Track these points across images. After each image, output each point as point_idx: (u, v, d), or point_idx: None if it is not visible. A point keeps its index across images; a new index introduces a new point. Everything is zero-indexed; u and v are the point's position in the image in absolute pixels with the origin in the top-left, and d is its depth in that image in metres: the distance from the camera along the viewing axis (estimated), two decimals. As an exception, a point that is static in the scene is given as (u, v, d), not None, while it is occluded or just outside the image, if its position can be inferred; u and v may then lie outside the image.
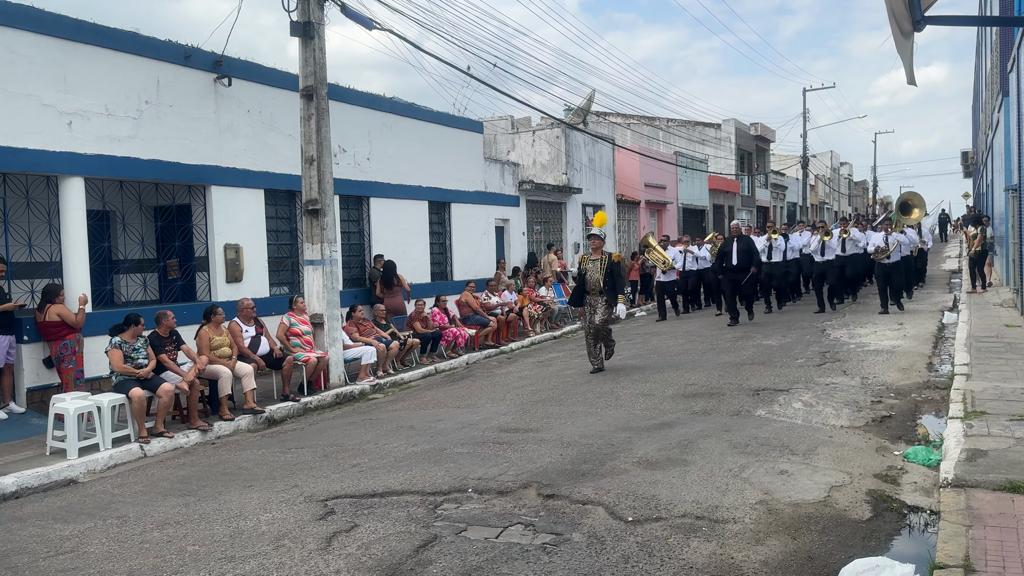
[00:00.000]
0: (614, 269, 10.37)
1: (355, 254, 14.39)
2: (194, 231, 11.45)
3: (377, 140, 14.41)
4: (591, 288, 10.40)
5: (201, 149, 11.00)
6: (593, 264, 10.39)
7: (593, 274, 10.36)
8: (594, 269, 10.36)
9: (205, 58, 11.08)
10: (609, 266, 10.32)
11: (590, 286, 10.41)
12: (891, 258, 15.07)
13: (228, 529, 5.13)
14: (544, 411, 8.34)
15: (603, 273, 10.28)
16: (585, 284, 10.44)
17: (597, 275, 10.32)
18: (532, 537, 4.64)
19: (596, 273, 10.34)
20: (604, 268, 10.30)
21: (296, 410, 9.51)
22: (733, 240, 15.21)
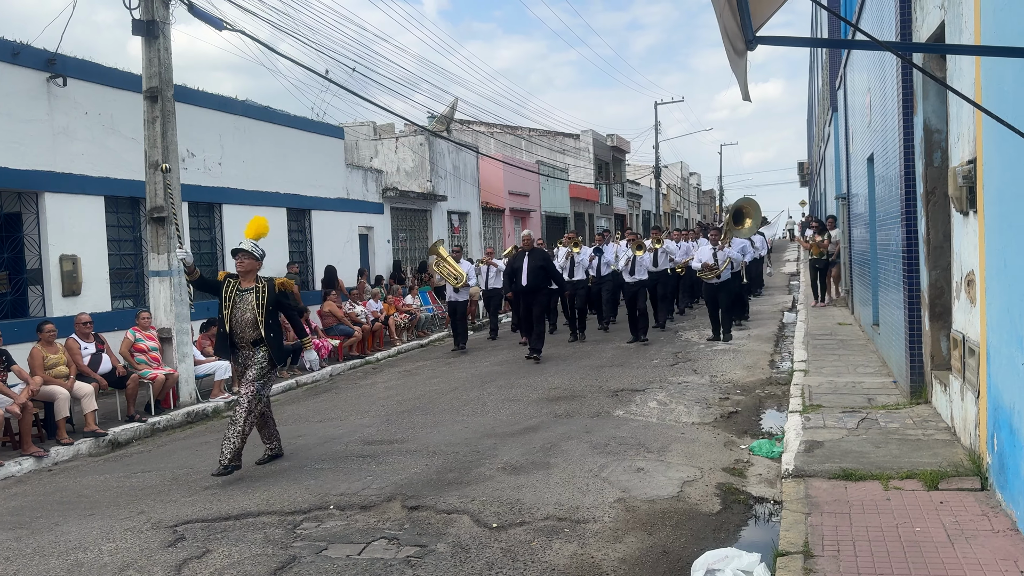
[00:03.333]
0: (281, 302, 6.82)
1: (207, 263, 13.72)
2: (25, 241, 10.53)
3: (229, 144, 13.82)
4: (239, 335, 6.53)
5: (32, 153, 10.16)
6: (243, 297, 6.54)
7: (243, 312, 6.50)
8: (244, 305, 6.52)
9: (36, 56, 10.24)
10: (270, 299, 6.58)
11: (237, 332, 6.52)
12: (721, 276, 12.50)
13: (65, 563, 4.73)
14: (410, 421, 8.26)
15: (261, 310, 6.49)
16: (231, 328, 6.55)
17: (249, 314, 6.50)
18: (396, 551, 4.57)
19: (247, 311, 6.51)
20: (263, 302, 6.52)
21: (143, 431, 8.93)
22: (524, 255, 12.19)
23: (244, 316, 6.51)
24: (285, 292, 6.86)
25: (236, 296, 6.58)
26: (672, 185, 58.39)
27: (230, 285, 6.61)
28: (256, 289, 6.59)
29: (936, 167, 6.68)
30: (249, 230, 6.86)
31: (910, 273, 7.33)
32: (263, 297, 6.56)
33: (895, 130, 7.69)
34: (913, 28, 6.99)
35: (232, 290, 6.60)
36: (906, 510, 4.59)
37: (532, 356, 11.68)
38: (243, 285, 6.62)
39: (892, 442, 5.97)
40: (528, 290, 11.93)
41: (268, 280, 6.70)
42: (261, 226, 6.91)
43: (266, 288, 6.62)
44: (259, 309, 6.51)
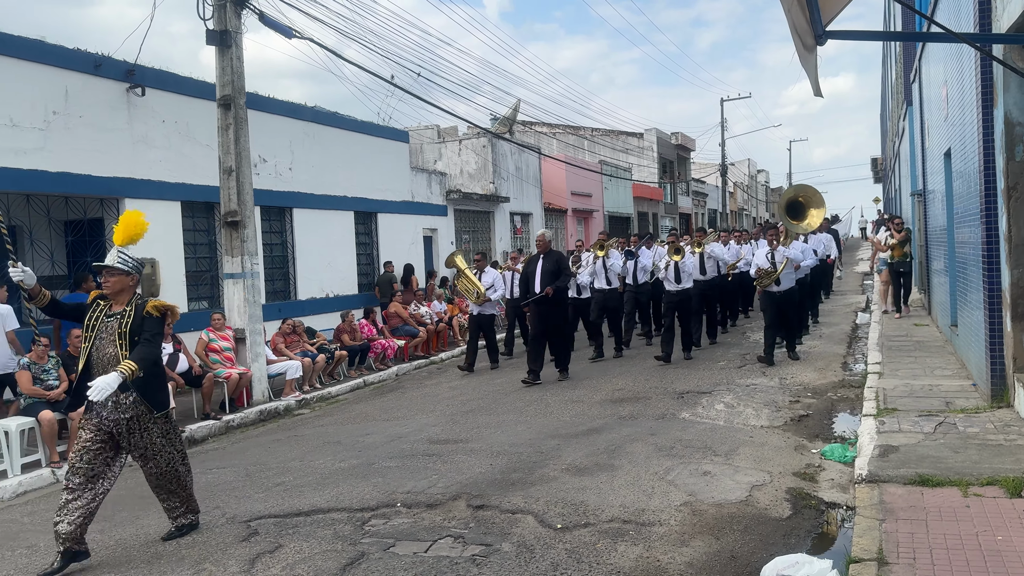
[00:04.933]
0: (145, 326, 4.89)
1: (278, 266, 14.10)
2: (107, 246, 11.00)
3: (299, 150, 14.16)
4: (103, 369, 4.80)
5: (114, 161, 10.61)
6: (107, 325, 4.91)
7: (104, 344, 4.86)
8: (107, 335, 4.87)
9: (117, 67, 10.70)
10: (135, 325, 4.88)
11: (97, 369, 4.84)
12: (781, 283, 10.38)
13: (147, 555, 4.93)
14: (474, 421, 8.32)
15: (124, 341, 4.84)
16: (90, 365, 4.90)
17: (110, 347, 4.84)
18: (461, 549, 4.62)
19: (112, 341, 4.85)
20: (125, 330, 4.86)
21: (218, 429, 9.23)
22: (538, 259, 10.71)
23: (105, 349, 4.82)
24: (155, 318, 4.92)
25: (101, 323, 4.89)
26: (739, 183, 57.33)
27: (97, 309, 4.95)
28: (122, 314, 4.89)
29: (1018, 162, 6.40)
30: (118, 233, 5.05)
31: (990, 272, 7.04)
32: (126, 324, 4.83)
33: (974, 124, 7.39)
34: (992, 18, 6.71)
35: (98, 316, 4.92)
36: (987, 518, 4.41)
37: (560, 375, 10.45)
38: (112, 308, 4.95)
39: (971, 447, 5.74)
40: (542, 298, 10.41)
41: (140, 301, 4.95)
42: (132, 226, 5.06)
43: (132, 312, 4.88)
44: (120, 340, 4.80)
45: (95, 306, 4.99)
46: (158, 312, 4.97)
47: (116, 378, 4.58)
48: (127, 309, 4.92)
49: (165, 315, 5.01)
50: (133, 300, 4.98)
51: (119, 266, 4.95)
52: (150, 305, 4.96)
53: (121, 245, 5.03)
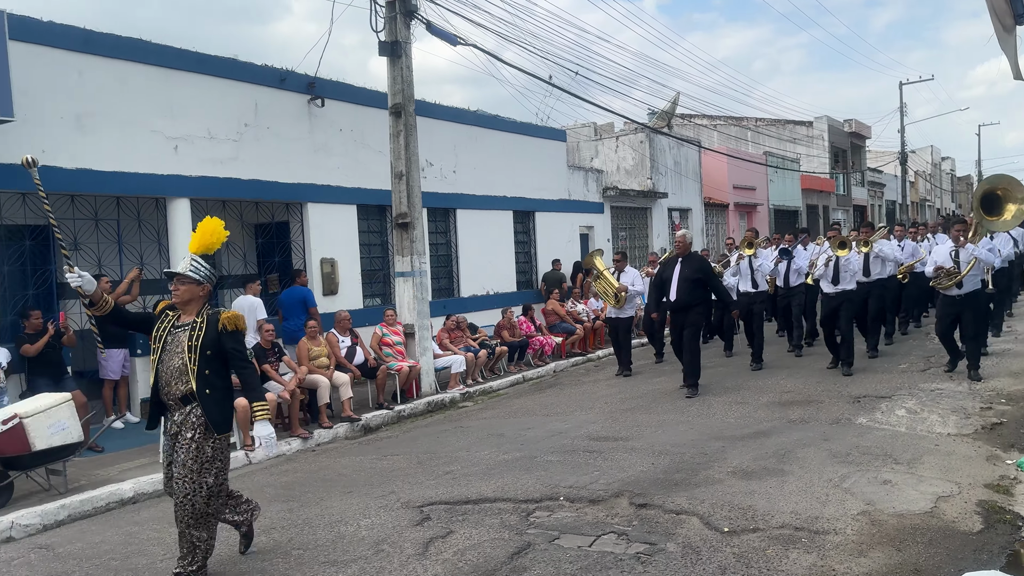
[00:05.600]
0: (225, 347, 4.61)
1: (443, 264, 14.66)
2: (292, 246, 11.92)
3: (463, 153, 14.66)
4: (164, 389, 4.59)
5: (297, 168, 11.46)
6: (175, 336, 4.62)
7: (171, 356, 4.58)
8: (174, 346, 4.59)
9: (299, 80, 11.55)
10: (207, 340, 4.56)
11: (163, 383, 4.58)
12: (963, 286, 9.04)
13: (330, 534, 5.32)
14: (634, 419, 8.29)
15: (192, 355, 4.53)
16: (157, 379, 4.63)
17: (177, 359, 4.55)
18: (626, 546, 4.64)
19: (176, 354, 4.57)
20: (196, 343, 4.54)
21: (390, 418, 9.76)
22: (676, 262, 9.66)
23: (172, 362, 4.55)
24: (234, 332, 4.63)
25: (168, 335, 4.63)
26: (920, 172, 53.16)
27: (165, 320, 4.68)
28: (192, 325, 4.59)
29: None
30: (194, 240, 4.86)
31: None
32: (197, 336, 4.55)
33: None
34: None
35: (166, 327, 4.65)
36: None
37: (688, 391, 9.41)
38: (181, 320, 4.68)
39: None
40: (678, 306, 9.39)
41: (213, 313, 4.65)
42: (209, 233, 4.85)
43: (204, 324, 4.59)
44: (190, 353, 4.52)
45: (163, 316, 4.69)
46: (233, 326, 4.62)
47: (268, 425, 4.68)
48: (197, 320, 4.59)
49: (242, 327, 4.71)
50: (203, 311, 4.64)
51: (190, 274, 4.61)
52: (224, 318, 4.60)
53: (196, 252, 4.76)
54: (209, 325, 4.58)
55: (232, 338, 4.62)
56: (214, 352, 4.56)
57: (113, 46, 9.28)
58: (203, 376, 4.50)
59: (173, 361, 4.55)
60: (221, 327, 4.58)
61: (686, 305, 9.36)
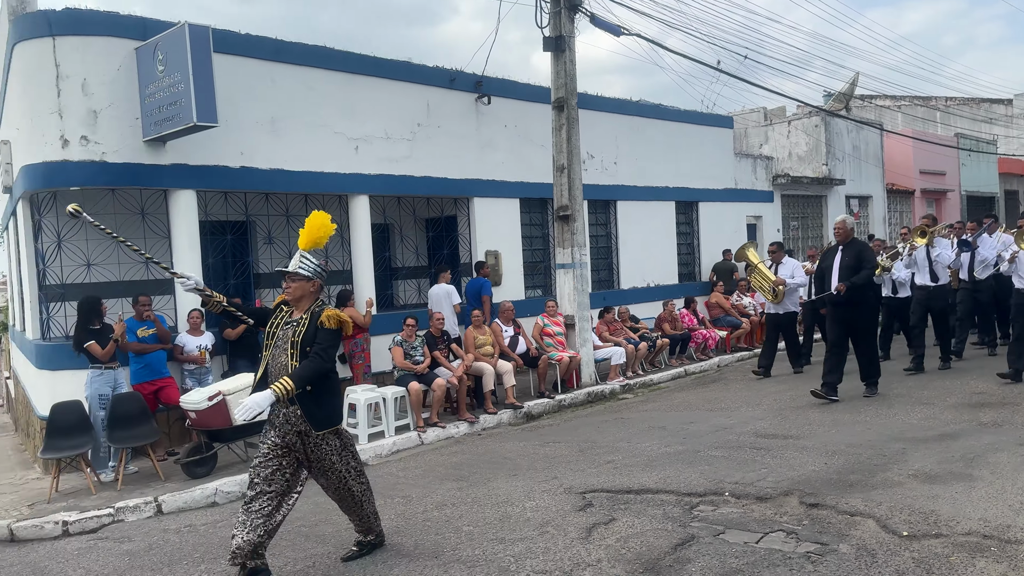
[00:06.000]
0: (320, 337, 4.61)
1: (603, 256, 14.70)
2: (459, 240, 12.41)
3: (624, 144, 14.60)
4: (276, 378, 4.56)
5: (464, 164, 11.90)
6: (284, 332, 4.69)
7: (282, 351, 4.65)
8: (284, 340, 4.66)
9: (467, 80, 11.97)
10: (308, 335, 4.61)
11: (272, 378, 4.60)
12: None
13: (497, 513, 5.56)
14: (805, 417, 7.98)
15: (294, 351, 4.59)
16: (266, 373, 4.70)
17: (283, 356, 4.63)
18: (795, 545, 4.51)
19: (285, 349, 4.64)
20: (299, 336, 4.61)
21: (551, 407, 9.96)
22: (836, 252, 8.98)
23: (279, 358, 4.63)
24: (330, 330, 4.62)
25: (279, 330, 4.72)
26: None
27: (279, 315, 4.80)
28: (299, 321, 4.67)
29: None
30: (303, 236, 4.82)
31: None
32: (299, 333, 4.61)
33: None
34: None
35: (278, 322, 4.76)
36: None
37: (866, 390, 8.77)
38: (292, 315, 4.75)
39: None
40: (841, 299, 8.61)
41: (318, 310, 4.68)
42: (316, 228, 4.80)
43: (308, 321, 4.65)
44: (292, 349, 4.59)
45: (278, 311, 4.79)
46: (333, 324, 4.61)
47: (268, 397, 4.37)
48: (303, 317, 4.64)
49: (342, 327, 4.65)
50: (311, 308, 4.68)
51: (300, 271, 4.67)
52: (325, 315, 4.62)
53: (305, 249, 4.77)
54: (311, 322, 4.62)
55: (326, 333, 4.58)
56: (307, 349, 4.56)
57: (301, 54, 10.05)
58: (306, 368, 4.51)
59: (280, 358, 4.61)
60: (320, 323, 4.59)
61: (848, 297, 8.58)
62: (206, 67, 7.99)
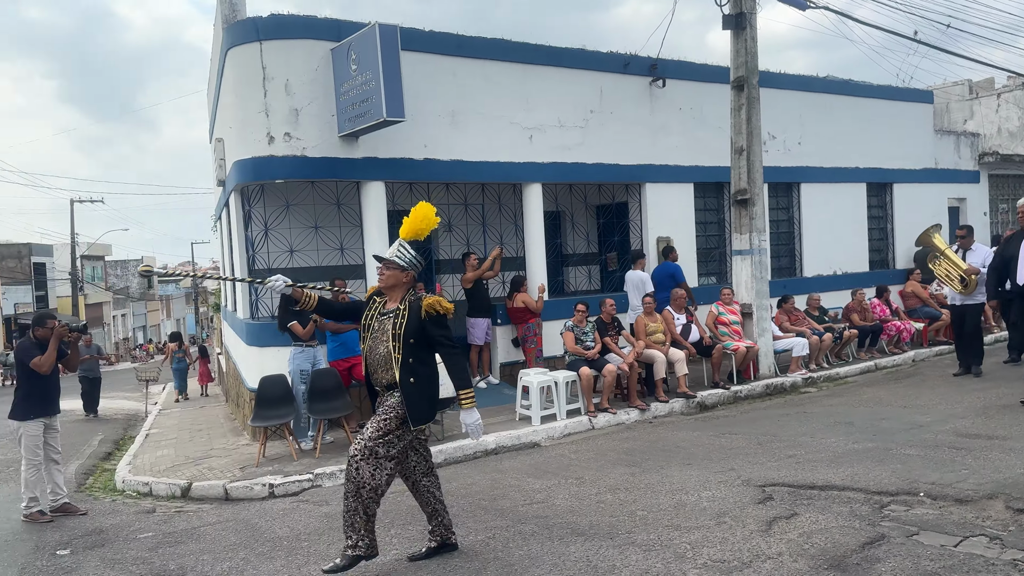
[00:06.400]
0: (429, 333, 4.52)
1: (784, 243, 14.06)
2: (630, 226, 12.34)
3: (809, 123, 13.86)
4: (374, 376, 4.63)
5: (637, 150, 11.80)
6: (381, 323, 4.59)
7: (376, 344, 4.57)
8: (380, 334, 4.57)
9: (641, 64, 11.84)
10: (409, 327, 4.49)
11: (372, 371, 4.63)
12: None
13: (672, 500, 5.53)
14: (1014, 418, 7.26)
15: (397, 343, 4.48)
16: (367, 366, 4.67)
17: (382, 347, 4.53)
18: (999, 551, 4.16)
19: (381, 342, 4.55)
20: (399, 331, 4.50)
21: (726, 397, 9.70)
22: (1020, 238, 8.05)
23: (377, 349, 4.55)
24: (438, 318, 4.51)
25: (375, 321, 4.63)
26: None
27: (373, 307, 4.69)
28: (397, 312, 4.57)
29: None
30: (405, 225, 4.70)
31: None
32: (400, 324, 4.51)
33: None
34: None
35: (373, 314, 4.66)
36: None
37: None
38: (387, 306, 4.65)
39: None
40: None
41: (416, 299, 4.56)
42: (420, 219, 4.67)
43: (407, 311, 4.53)
44: (394, 341, 4.49)
45: (372, 303, 4.70)
46: (437, 311, 4.49)
47: (473, 413, 4.55)
48: (400, 308, 4.53)
49: (445, 311, 4.53)
50: (407, 298, 4.57)
51: (395, 260, 4.57)
52: (427, 305, 4.48)
53: (405, 238, 4.68)
54: (412, 312, 4.49)
55: (437, 324, 4.49)
56: (417, 340, 4.47)
57: (481, 47, 10.38)
58: (407, 365, 4.44)
59: (379, 349, 4.52)
60: (425, 314, 4.47)
61: None
62: (394, 65, 8.45)
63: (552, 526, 5.17)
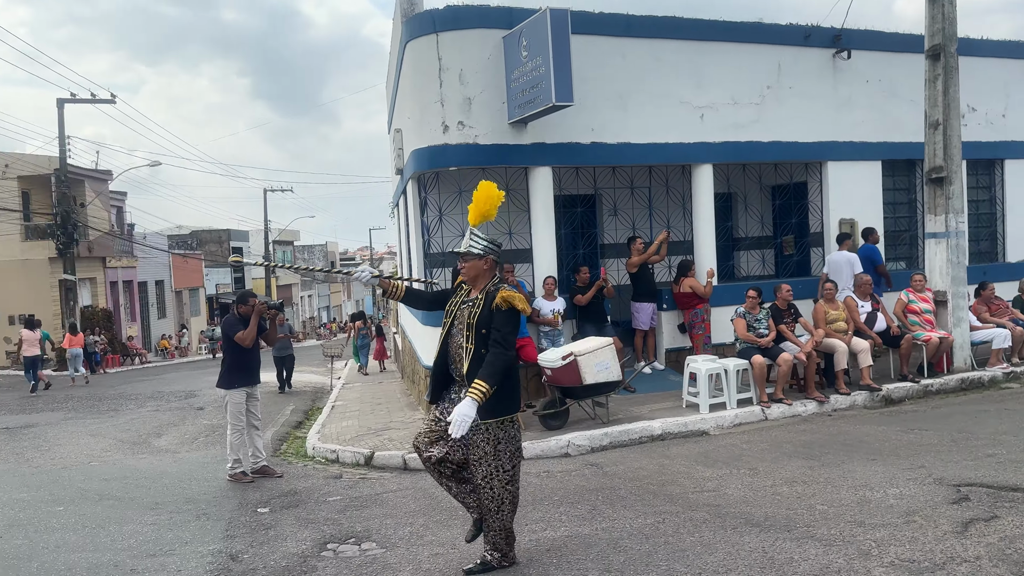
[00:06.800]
0: (493, 320, 4.27)
1: (984, 225, 12.83)
2: (809, 207, 11.72)
3: (1015, 93, 12.51)
4: (453, 367, 4.45)
5: (818, 126, 11.16)
6: (460, 313, 4.42)
7: (458, 331, 4.40)
8: (461, 320, 4.39)
9: (824, 35, 11.17)
10: (483, 316, 4.28)
11: (451, 362, 4.46)
12: None
13: (855, 496, 5.24)
14: None
15: (470, 333, 4.31)
16: (447, 354, 4.48)
17: (459, 337, 4.39)
18: None
19: (461, 329, 4.38)
20: (474, 318, 4.31)
21: (915, 391, 9.03)
22: None
23: (455, 338, 4.41)
24: (506, 311, 4.23)
25: (457, 309, 4.46)
26: None
27: (459, 294, 4.52)
28: (475, 302, 4.37)
29: None
30: (472, 211, 4.53)
31: None
32: (474, 314, 4.31)
33: None
34: None
35: (457, 302, 4.50)
36: None
37: None
38: (470, 294, 4.46)
39: None
40: None
41: (493, 290, 4.33)
42: (483, 201, 4.48)
43: (483, 301, 4.32)
44: (468, 331, 4.30)
45: (458, 291, 4.52)
46: (508, 304, 4.22)
47: (470, 406, 4.03)
48: (479, 297, 4.34)
49: (516, 307, 4.25)
50: (487, 287, 4.35)
51: (471, 250, 4.35)
52: (500, 297, 4.23)
53: (475, 225, 4.48)
54: (486, 302, 4.29)
55: (502, 316, 4.23)
56: (489, 331, 4.24)
57: (650, 27, 10.20)
58: (479, 357, 4.21)
59: (456, 338, 4.38)
60: (495, 305, 4.24)
61: None
62: (564, 49, 8.50)
63: (725, 515, 5.06)
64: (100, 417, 12.84)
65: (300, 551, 5.08)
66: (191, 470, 8.16)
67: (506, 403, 4.30)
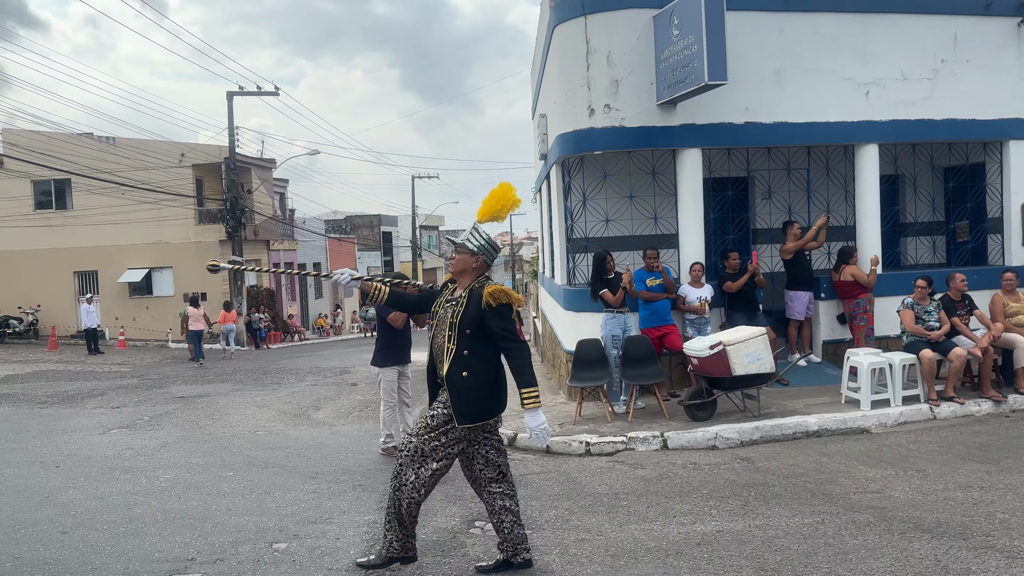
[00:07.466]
0: (486, 325, 4.10)
1: None
2: (987, 190, 10.73)
3: None
4: (437, 361, 4.30)
5: (1000, 102, 10.15)
6: (445, 311, 4.26)
7: (439, 332, 4.25)
8: (444, 320, 4.23)
9: (1007, 3, 10.14)
10: (467, 315, 4.13)
11: (436, 360, 4.32)
12: None
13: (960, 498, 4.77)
14: None
15: (452, 332, 4.16)
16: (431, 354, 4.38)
17: (440, 336, 4.22)
18: None
19: (443, 329, 4.22)
20: (457, 317, 4.16)
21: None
22: None
23: (438, 338, 4.25)
24: (499, 308, 4.08)
25: (441, 308, 4.30)
26: None
27: (444, 293, 4.40)
28: (458, 300, 4.22)
29: None
30: (481, 207, 4.39)
31: None
32: (457, 313, 4.16)
33: None
34: None
35: (441, 301, 4.34)
36: None
37: None
38: (453, 293, 4.32)
39: None
40: None
41: (478, 287, 4.17)
42: (496, 200, 4.34)
43: (466, 300, 4.17)
44: (450, 331, 4.16)
45: (444, 289, 4.43)
46: (500, 300, 4.06)
47: (534, 416, 4.07)
48: (462, 295, 4.20)
49: (510, 301, 4.10)
50: (470, 286, 4.21)
51: (466, 243, 4.25)
52: (487, 293, 4.08)
53: (481, 221, 4.38)
54: (471, 301, 4.14)
55: (497, 315, 4.08)
56: (474, 331, 4.10)
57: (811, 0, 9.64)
58: (460, 357, 4.10)
59: (438, 338, 4.24)
60: (484, 303, 4.07)
61: None
62: (718, 26, 8.19)
63: (891, 519, 4.73)
64: (264, 389, 13.76)
65: (449, 527, 5.21)
66: (347, 443, 8.57)
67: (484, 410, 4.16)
